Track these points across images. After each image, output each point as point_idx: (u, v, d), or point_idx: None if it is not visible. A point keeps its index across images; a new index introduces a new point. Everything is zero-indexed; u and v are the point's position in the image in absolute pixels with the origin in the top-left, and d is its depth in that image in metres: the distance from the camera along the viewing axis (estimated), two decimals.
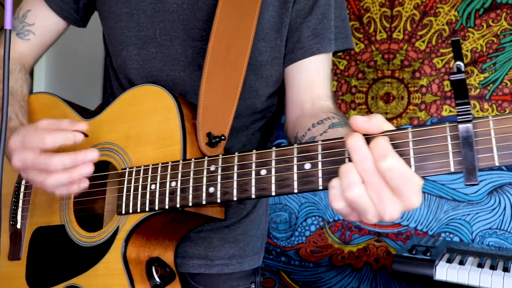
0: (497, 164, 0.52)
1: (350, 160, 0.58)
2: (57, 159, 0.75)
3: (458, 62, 0.55)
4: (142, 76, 0.94)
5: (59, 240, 0.90)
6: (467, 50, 2.14)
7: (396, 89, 2.28)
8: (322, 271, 2.37)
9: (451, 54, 2.17)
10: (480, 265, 1.66)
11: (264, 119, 1.00)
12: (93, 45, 2.65)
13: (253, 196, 0.67)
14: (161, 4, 0.92)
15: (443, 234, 2.14)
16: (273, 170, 0.65)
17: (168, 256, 0.86)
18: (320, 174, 0.61)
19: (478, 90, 2.12)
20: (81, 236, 0.87)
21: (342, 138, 0.61)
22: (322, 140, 0.63)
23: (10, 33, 0.62)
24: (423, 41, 2.24)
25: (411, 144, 0.57)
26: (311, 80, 0.92)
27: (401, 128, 0.58)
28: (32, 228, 0.95)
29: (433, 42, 2.21)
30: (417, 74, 2.24)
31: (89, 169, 0.76)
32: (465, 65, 2.15)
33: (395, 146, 0.57)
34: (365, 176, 0.56)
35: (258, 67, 0.92)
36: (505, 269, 1.62)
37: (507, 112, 2.03)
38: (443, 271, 1.62)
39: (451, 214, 2.13)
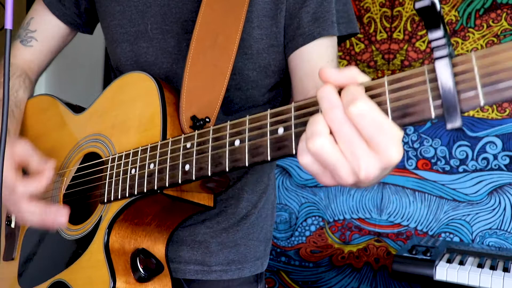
0: (481, 103, 0.46)
1: None
2: (28, 209, 0.80)
3: None
4: (136, 69, 0.93)
5: (48, 236, 0.89)
6: (467, 50, 2.14)
7: None
8: (322, 271, 2.37)
9: None
10: (480, 265, 1.66)
11: None
12: (93, 47, 2.66)
13: (227, 169, 0.63)
14: None
15: (443, 234, 2.14)
16: (246, 139, 0.61)
17: (158, 249, 0.83)
18: (293, 137, 0.56)
19: None
20: (68, 230, 0.86)
21: None
22: (295, 102, 0.58)
23: (10, 33, 0.62)
24: (423, 41, 2.24)
25: (387, 91, 0.51)
26: (314, 67, 0.87)
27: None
28: (25, 227, 0.95)
29: None
30: None
31: (62, 223, 0.80)
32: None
33: (370, 96, 0.51)
34: (334, 126, 0.50)
35: (255, 56, 0.90)
36: (505, 269, 1.62)
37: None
38: (443, 271, 1.63)
39: (451, 214, 2.13)
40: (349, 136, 0.49)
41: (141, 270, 0.78)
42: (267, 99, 0.95)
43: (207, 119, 0.78)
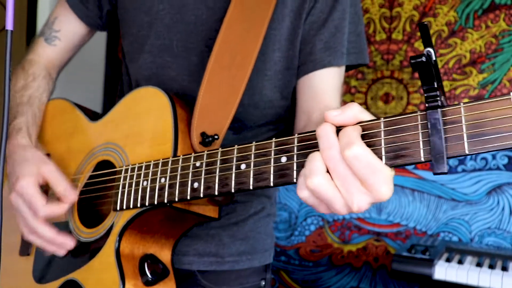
0: (467, 152, 0.50)
1: None
2: (41, 229, 0.84)
3: (428, 49, 0.52)
4: (154, 83, 0.96)
5: None
6: (466, 51, 2.15)
7: (395, 89, 2.29)
8: (321, 271, 2.38)
9: (450, 55, 2.18)
10: (479, 265, 1.67)
11: (276, 131, 1.02)
12: (94, 50, 2.66)
13: (233, 190, 0.67)
14: (180, 15, 0.94)
15: (442, 234, 2.15)
16: (252, 164, 0.65)
17: (164, 255, 0.88)
18: (295, 167, 0.61)
19: (477, 91, 2.13)
20: (81, 232, 0.90)
21: None
22: (298, 133, 0.62)
23: (11, 34, 0.63)
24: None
25: (382, 134, 0.55)
26: (321, 91, 0.92)
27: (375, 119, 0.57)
28: None
29: (433, 43, 2.21)
30: (416, 75, 2.24)
31: (61, 253, 0.87)
32: (464, 66, 2.15)
33: (367, 136, 0.56)
34: (330, 165, 0.55)
35: (274, 77, 0.93)
36: (504, 269, 1.62)
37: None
38: (442, 271, 1.63)
39: (450, 214, 2.14)
40: (344, 175, 0.54)
41: (148, 274, 0.82)
42: (276, 118, 0.99)
43: (216, 136, 0.82)
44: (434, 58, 0.52)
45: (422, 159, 0.53)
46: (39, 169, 0.85)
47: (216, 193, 0.69)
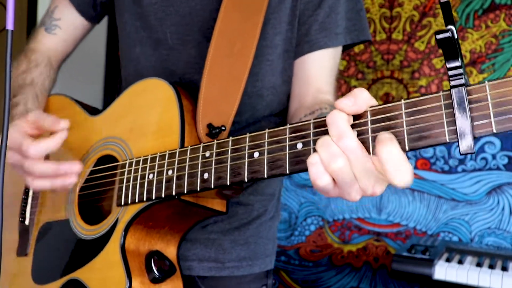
0: (494, 130, 0.48)
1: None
2: (39, 167, 0.79)
3: (450, 26, 0.50)
4: (154, 74, 0.94)
5: (63, 234, 0.91)
6: (466, 51, 2.15)
7: (395, 89, 2.29)
8: (321, 271, 2.38)
9: None
10: (479, 265, 1.67)
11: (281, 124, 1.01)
12: (94, 48, 2.66)
13: (246, 180, 0.65)
14: (172, 8, 0.92)
15: (442, 234, 2.15)
16: (265, 152, 0.63)
17: (170, 251, 0.85)
18: (311, 153, 0.59)
19: None
20: (83, 230, 0.88)
21: None
22: (314, 119, 0.60)
23: (12, 34, 0.62)
24: (422, 42, 2.25)
25: (404, 115, 0.54)
26: (314, 74, 0.91)
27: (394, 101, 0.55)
28: (40, 224, 0.96)
29: (432, 43, 2.21)
30: (416, 75, 2.24)
31: (72, 180, 0.81)
32: (464, 66, 2.15)
33: (387, 119, 0.54)
34: (351, 156, 0.53)
35: (276, 62, 0.92)
36: (504, 269, 1.62)
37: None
38: (442, 271, 1.63)
39: (450, 214, 2.14)
40: (363, 165, 0.53)
41: (155, 271, 0.80)
42: (282, 107, 0.97)
43: (223, 127, 0.80)
44: (456, 36, 0.51)
45: (447, 140, 0.51)
46: (25, 119, 0.82)
47: (228, 183, 0.67)
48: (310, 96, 0.89)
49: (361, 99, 0.55)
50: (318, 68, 0.91)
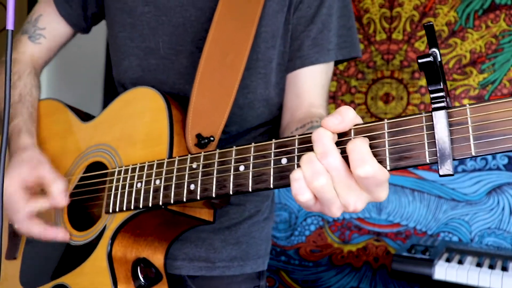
0: (473, 153, 0.50)
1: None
2: (27, 226, 0.83)
3: (433, 49, 0.52)
4: (145, 83, 0.94)
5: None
6: (466, 51, 2.15)
7: (395, 89, 2.29)
8: (321, 271, 2.38)
9: (450, 55, 2.18)
10: (479, 265, 1.67)
11: (271, 132, 1.01)
12: (94, 50, 2.66)
13: (231, 192, 0.66)
14: (166, 17, 0.92)
15: (442, 234, 2.15)
16: (251, 166, 0.64)
17: (157, 259, 0.86)
18: (295, 168, 0.60)
19: (477, 91, 2.13)
20: (71, 235, 0.88)
21: None
22: (299, 135, 0.61)
23: (12, 34, 0.62)
24: (423, 42, 2.25)
25: (386, 135, 0.55)
26: (307, 89, 0.92)
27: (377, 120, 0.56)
28: None
29: (438, 44, 2.21)
30: (416, 75, 2.24)
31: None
32: (464, 66, 2.15)
33: (371, 138, 0.55)
34: (334, 173, 0.54)
35: (268, 75, 0.92)
36: (504, 269, 1.62)
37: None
38: (442, 271, 1.63)
39: (450, 214, 2.14)
40: (346, 183, 0.54)
41: (141, 278, 0.80)
42: (273, 117, 0.98)
43: (212, 138, 0.81)
44: (439, 59, 0.52)
45: (428, 161, 0.52)
46: (34, 169, 0.83)
47: (214, 195, 0.68)
48: (303, 110, 0.90)
49: (348, 117, 0.56)
50: (310, 83, 0.92)
